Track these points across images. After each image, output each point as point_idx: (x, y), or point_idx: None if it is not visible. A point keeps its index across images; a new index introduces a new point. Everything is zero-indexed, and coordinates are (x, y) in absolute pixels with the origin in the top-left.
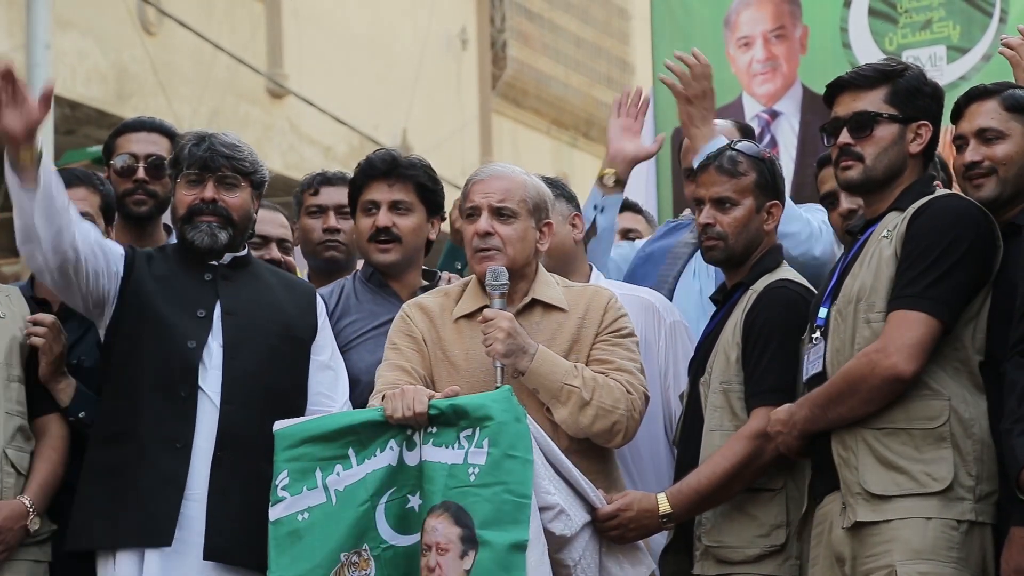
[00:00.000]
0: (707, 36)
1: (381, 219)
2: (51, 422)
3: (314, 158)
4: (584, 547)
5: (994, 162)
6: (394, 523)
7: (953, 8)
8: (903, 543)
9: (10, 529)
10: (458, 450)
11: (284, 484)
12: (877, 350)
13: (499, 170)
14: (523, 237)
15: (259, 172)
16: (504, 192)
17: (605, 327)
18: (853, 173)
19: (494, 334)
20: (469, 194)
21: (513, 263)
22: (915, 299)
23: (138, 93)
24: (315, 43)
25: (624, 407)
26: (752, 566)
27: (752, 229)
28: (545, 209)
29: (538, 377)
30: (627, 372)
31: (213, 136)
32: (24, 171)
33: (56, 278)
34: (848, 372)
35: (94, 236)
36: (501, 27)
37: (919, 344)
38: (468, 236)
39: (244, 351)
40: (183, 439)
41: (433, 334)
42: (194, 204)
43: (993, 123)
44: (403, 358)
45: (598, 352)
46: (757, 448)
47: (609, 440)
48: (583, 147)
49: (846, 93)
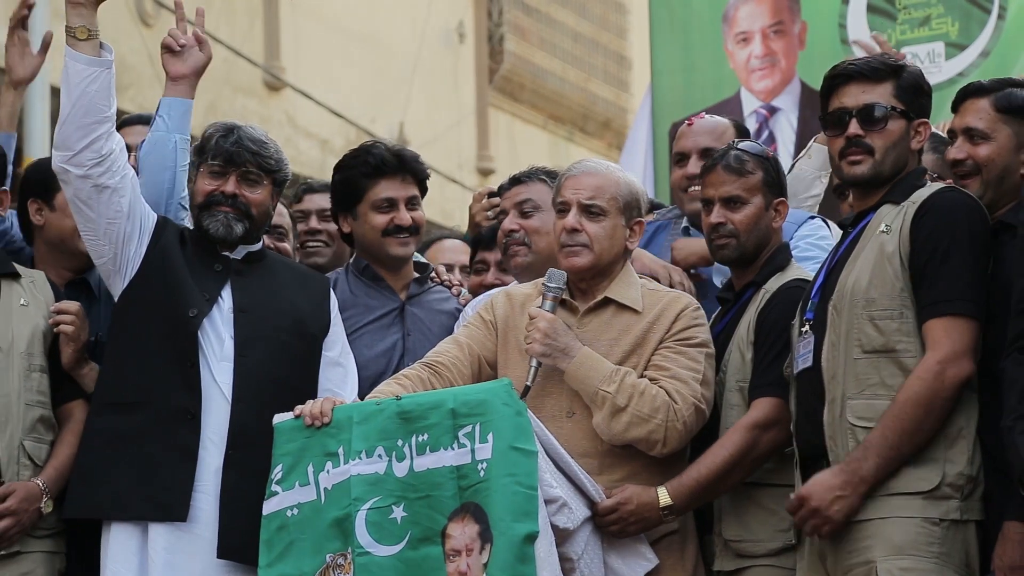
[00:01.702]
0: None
1: (403, 217)
2: (75, 408)
3: (311, 151)
4: (586, 541)
5: (977, 161)
6: (373, 531)
7: (952, 5)
8: (884, 539)
9: (25, 510)
10: (460, 449)
11: (278, 479)
12: (939, 362)
13: (592, 166)
14: (611, 235)
15: (283, 171)
16: (595, 189)
17: (673, 333)
18: (863, 168)
19: (533, 334)
20: (561, 189)
21: (599, 260)
22: (954, 303)
23: (135, 84)
24: (312, 36)
25: (662, 417)
26: (773, 559)
27: (762, 227)
28: (637, 207)
29: (575, 380)
30: (681, 381)
31: (241, 129)
32: (78, 44)
33: (83, 191)
34: (917, 396)
35: (135, 179)
36: (498, 21)
37: (972, 347)
38: (557, 231)
39: (257, 348)
40: (193, 410)
41: (511, 321)
42: (214, 194)
43: (980, 124)
44: (466, 334)
45: (658, 358)
46: (754, 438)
47: (649, 448)
48: (580, 141)
49: (852, 84)
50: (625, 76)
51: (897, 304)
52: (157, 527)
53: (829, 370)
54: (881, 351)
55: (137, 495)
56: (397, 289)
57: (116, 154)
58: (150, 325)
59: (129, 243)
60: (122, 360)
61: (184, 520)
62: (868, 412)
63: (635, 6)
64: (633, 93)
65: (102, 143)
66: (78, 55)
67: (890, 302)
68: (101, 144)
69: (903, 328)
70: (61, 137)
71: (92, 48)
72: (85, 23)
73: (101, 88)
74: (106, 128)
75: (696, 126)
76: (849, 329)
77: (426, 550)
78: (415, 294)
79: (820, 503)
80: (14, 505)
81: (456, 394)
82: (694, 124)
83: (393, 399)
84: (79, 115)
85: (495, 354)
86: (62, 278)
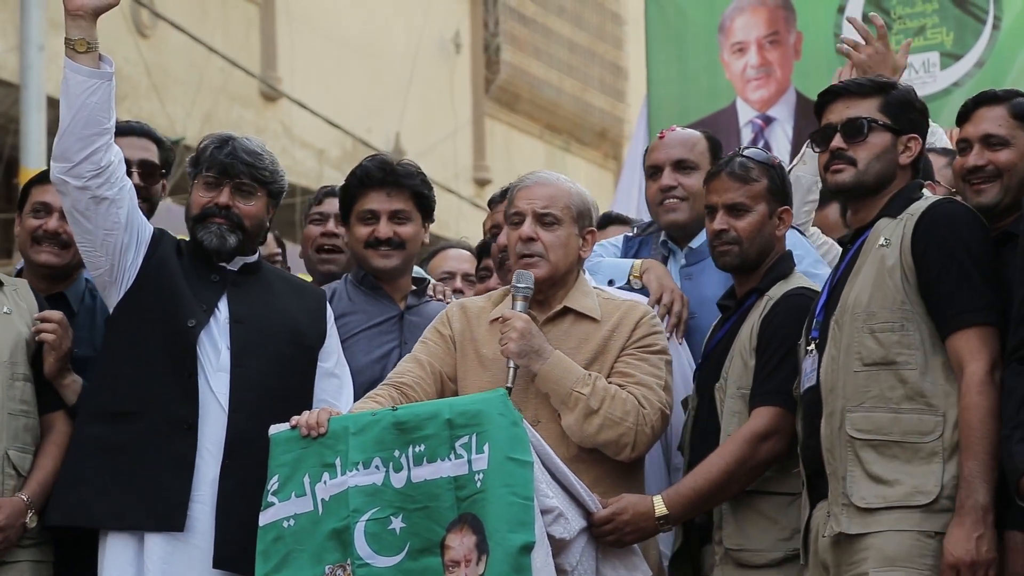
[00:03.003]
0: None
1: (383, 230)
2: (57, 419)
3: (307, 161)
4: (581, 552)
5: (998, 167)
6: (372, 543)
7: (947, 15)
8: (878, 551)
9: (12, 526)
10: (456, 460)
11: (274, 489)
12: (988, 372)
13: (544, 177)
14: (566, 244)
15: (278, 182)
16: (548, 198)
17: (634, 341)
18: (844, 176)
19: (509, 334)
20: (514, 200)
21: (555, 270)
22: (980, 313)
23: (132, 95)
24: (309, 46)
25: (633, 420)
26: (774, 570)
27: (765, 234)
28: (589, 217)
29: (549, 381)
30: (646, 387)
31: (236, 140)
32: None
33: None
34: (988, 409)
35: (132, 189)
36: (495, 31)
37: (999, 354)
38: (512, 241)
39: (253, 359)
40: (190, 420)
41: (468, 333)
42: (208, 206)
43: (1000, 130)
44: (425, 351)
45: (621, 365)
46: (752, 449)
47: (617, 452)
48: (576, 152)
49: (839, 102)
50: (621, 86)
51: (898, 317)
52: (154, 537)
53: (828, 383)
54: (881, 363)
55: (134, 505)
56: (396, 299)
57: (115, 165)
58: (147, 335)
59: (126, 254)
60: (118, 370)
61: (181, 530)
62: (867, 425)
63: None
64: (629, 103)
65: (101, 155)
66: (78, 67)
67: (891, 315)
68: (100, 156)
69: (904, 340)
70: (60, 149)
71: (92, 60)
72: (84, 35)
73: (101, 100)
74: (105, 140)
75: (668, 138)
76: (850, 343)
77: (426, 561)
78: (413, 305)
79: (971, 555)
80: (3, 521)
81: (452, 404)
82: (666, 137)
83: (389, 409)
84: (79, 127)
85: (455, 368)
86: (47, 290)
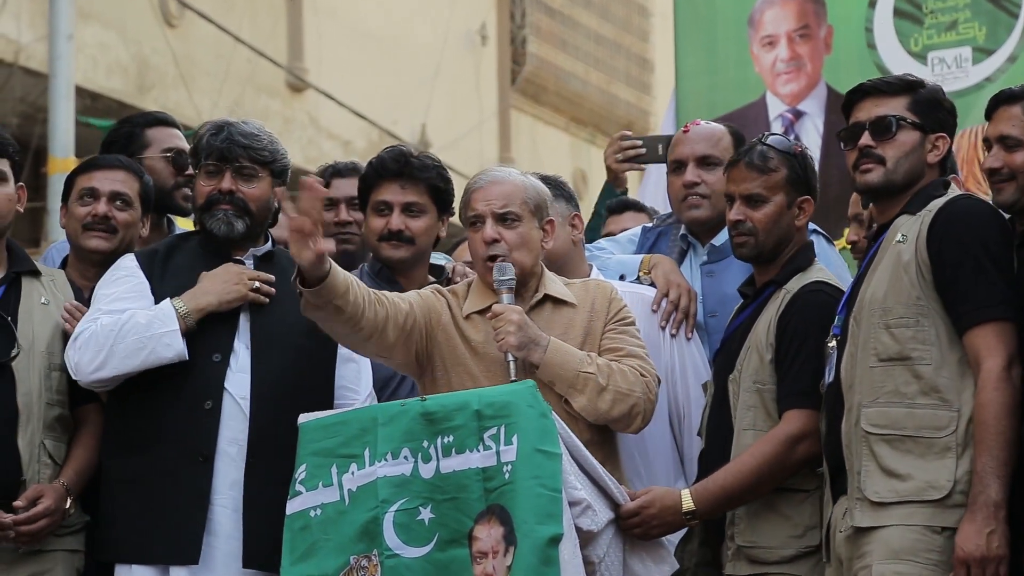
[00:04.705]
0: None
1: (394, 222)
2: (91, 411)
3: (333, 152)
4: (608, 544)
5: (1013, 169)
6: (401, 533)
7: (979, 9)
8: (883, 543)
9: (59, 510)
10: (485, 451)
11: (302, 478)
12: (1005, 368)
13: (497, 175)
14: (529, 239)
15: (279, 161)
16: (505, 197)
17: (612, 317)
18: (873, 176)
19: (505, 328)
20: (470, 202)
21: (523, 266)
22: (997, 308)
23: (159, 85)
24: (335, 37)
25: (640, 390)
26: (787, 566)
27: (783, 225)
28: (545, 208)
29: (553, 368)
30: (637, 357)
31: (232, 125)
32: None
33: None
34: (1005, 406)
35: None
36: (521, 23)
37: (1016, 350)
38: (475, 245)
39: (273, 353)
40: (206, 451)
41: (450, 318)
42: (212, 194)
43: (1014, 131)
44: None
45: (607, 341)
46: (787, 451)
47: (629, 424)
48: (601, 144)
49: (867, 100)
50: (647, 79)
51: (913, 312)
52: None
53: (847, 380)
54: (896, 359)
55: (153, 539)
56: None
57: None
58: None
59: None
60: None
61: (196, 563)
62: (882, 420)
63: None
64: (655, 96)
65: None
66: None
67: (906, 310)
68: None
69: (919, 336)
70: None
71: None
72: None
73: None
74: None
75: (692, 133)
76: (866, 339)
77: (453, 552)
78: None
79: (981, 551)
80: (52, 505)
81: (481, 395)
82: (690, 131)
83: (417, 400)
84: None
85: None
86: (86, 283)
